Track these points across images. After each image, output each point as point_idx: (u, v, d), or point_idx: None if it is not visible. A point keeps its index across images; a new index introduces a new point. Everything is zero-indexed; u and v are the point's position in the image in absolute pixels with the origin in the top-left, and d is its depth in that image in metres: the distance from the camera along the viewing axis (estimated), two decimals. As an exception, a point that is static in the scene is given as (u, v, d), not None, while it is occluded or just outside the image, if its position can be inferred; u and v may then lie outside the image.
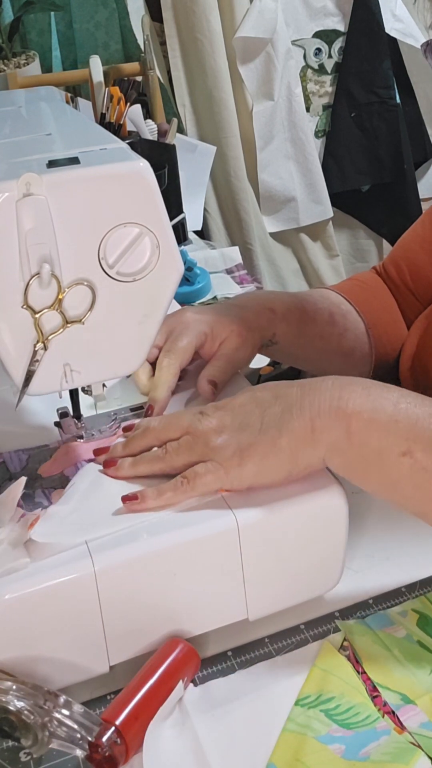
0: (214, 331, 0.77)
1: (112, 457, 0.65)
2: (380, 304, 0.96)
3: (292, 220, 2.25)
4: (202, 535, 0.59)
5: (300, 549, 0.62)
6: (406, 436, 0.57)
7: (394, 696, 0.58)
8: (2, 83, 1.76)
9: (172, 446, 0.63)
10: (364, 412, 0.58)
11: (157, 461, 0.63)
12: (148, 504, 0.60)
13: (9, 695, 0.53)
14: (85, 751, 0.53)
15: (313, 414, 0.59)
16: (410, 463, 0.57)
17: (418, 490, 0.57)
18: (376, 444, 0.58)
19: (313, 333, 0.88)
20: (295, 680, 0.60)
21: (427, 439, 0.57)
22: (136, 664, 0.58)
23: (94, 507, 0.61)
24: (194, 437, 0.62)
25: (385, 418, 0.58)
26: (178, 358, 0.74)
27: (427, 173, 2.49)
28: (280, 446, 0.59)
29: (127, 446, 0.66)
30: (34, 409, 0.76)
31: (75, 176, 0.56)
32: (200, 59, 2.01)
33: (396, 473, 0.58)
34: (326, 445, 0.59)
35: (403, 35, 2.19)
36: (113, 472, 0.64)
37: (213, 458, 0.60)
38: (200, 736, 0.55)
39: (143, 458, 0.64)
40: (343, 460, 0.59)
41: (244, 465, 0.60)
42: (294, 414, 0.60)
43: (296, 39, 2.15)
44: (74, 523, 0.60)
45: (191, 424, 0.63)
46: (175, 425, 0.64)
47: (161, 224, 0.58)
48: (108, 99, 1.31)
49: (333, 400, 0.59)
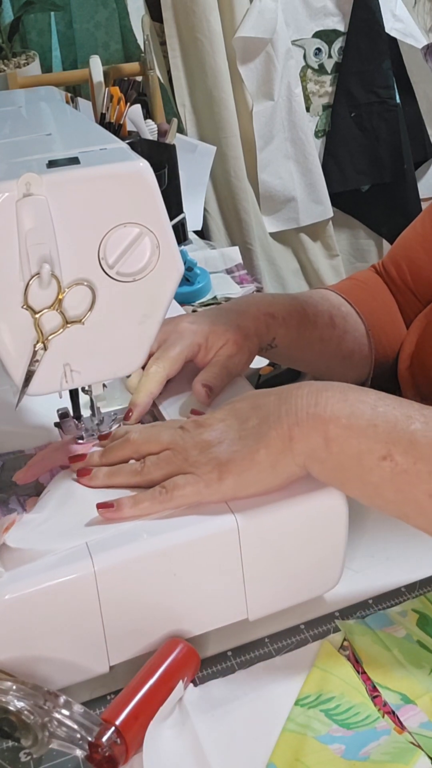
0: (209, 341, 0.77)
1: (87, 465, 0.65)
2: (379, 304, 0.96)
3: (292, 220, 2.26)
4: (202, 535, 0.59)
5: (300, 549, 0.62)
6: (385, 440, 0.56)
7: (394, 696, 0.58)
8: (2, 83, 1.77)
9: (151, 460, 0.62)
10: (342, 418, 0.58)
11: (134, 474, 0.62)
12: (124, 513, 0.59)
13: (9, 695, 0.53)
14: (85, 751, 0.53)
15: (290, 422, 0.59)
16: (390, 467, 0.56)
17: (399, 493, 0.57)
18: (355, 449, 0.57)
19: (313, 336, 0.87)
20: (295, 680, 0.60)
21: (407, 441, 0.56)
22: (136, 664, 0.58)
23: (68, 515, 0.61)
24: (174, 453, 0.61)
25: (363, 423, 0.57)
26: (166, 367, 0.74)
27: (427, 173, 2.50)
28: (257, 459, 0.59)
29: (104, 456, 0.65)
30: (34, 409, 0.76)
31: (75, 176, 0.56)
32: (200, 59, 2.01)
33: (377, 477, 0.57)
34: (305, 453, 0.58)
35: (403, 35, 2.20)
36: (87, 481, 0.63)
37: (192, 473, 0.60)
38: (200, 736, 0.55)
39: (120, 470, 0.63)
40: (323, 467, 0.59)
41: (224, 480, 0.59)
42: (271, 424, 0.59)
43: (296, 39, 2.16)
44: (48, 531, 0.59)
45: (172, 440, 0.62)
46: (156, 440, 0.63)
47: (161, 224, 0.58)
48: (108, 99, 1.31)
49: (310, 407, 0.59)
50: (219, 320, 0.79)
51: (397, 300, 0.98)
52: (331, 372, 0.93)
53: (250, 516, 0.59)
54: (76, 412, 0.69)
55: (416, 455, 0.56)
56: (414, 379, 0.89)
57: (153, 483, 0.61)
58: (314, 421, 0.58)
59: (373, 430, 0.57)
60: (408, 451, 0.56)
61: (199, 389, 0.74)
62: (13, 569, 0.56)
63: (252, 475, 0.59)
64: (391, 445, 0.56)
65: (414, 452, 0.56)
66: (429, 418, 0.57)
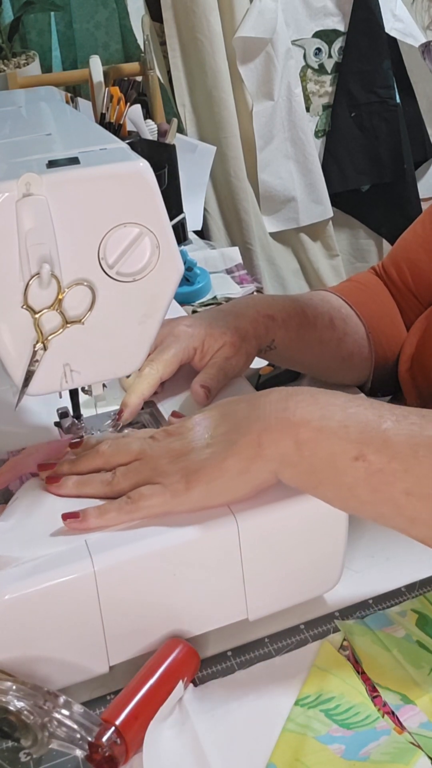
0: (205, 345, 0.77)
1: (56, 474, 0.64)
2: (379, 306, 0.96)
3: (292, 220, 2.26)
4: (202, 535, 0.59)
5: (300, 549, 0.62)
6: (357, 440, 0.56)
7: (393, 696, 0.58)
8: (2, 83, 1.77)
9: (121, 471, 0.62)
10: (312, 421, 0.57)
11: (103, 485, 0.62)
12: (90, 523, 0.59)
13: (9, 695, 0.53)
14: (85, 751, 0.53)
15: (260, 428, 0.58)
16: (364, 467, 0.55)
17: (375, 493, 0.56)
18: (327, 451, 0.56)
19: (313, 338, 0.87)
20: (295, 680, 0.60)
21: (379, 440, 0.55)
22: (136, 664, 0.58)
23: (35, 523, 0.61)
24: (143, 463, 0.61)
25: (334, 425, 0.56)
26: (159, 369, 0.74)
27: (427, 173, 2.50)
28: (226, 468, 0.58)
29: (74, 466, 0.65)
30: (34, 409, 0.76)
31: (75, 176, 0.55)
32: (200, 59, 2.01)
33: (351, 479, 0.56)
34: (276, 458, 0.58)
35: (403, 35, 2.20)
36: (56, 489, 0.63)
37: (160, 482, 0.60)
38: (200, 736, 0.55)
39: (90, 480, 0.63)
40: (295, 471, 0.58)
41: (192, 489, 0.59)
42: (241, 431, 0.59)
43: (296, 39, 2.16)
44: (15, 539, 0.59)
45: (141, 450, 0.62)
46: (125, 450, 0.63)
47: (161, 224, 0.58)
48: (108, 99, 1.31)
49: (279, 412, 0.58)
50: (216, 323, 0.79)
51: (397, 302, 0.98)
52: (331, 374, 0.93)
53: (250, 516, 0.59)
54: (76, 412, 0.69)
55: (390, 454, 0.55)
56: (414, 380, 0.89)
57: (122, 493, 0.61)
58: (284, 425, 0.57)
59: (345, 431, 0.56)
60: (381, 450, 0.55)
61: (198, 390, 0.74)
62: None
63: (221, 483, 0.59)
64: (364, 445, 0.55)
65: (387, 451, 0.55)
66: (400, 416, 0.57)
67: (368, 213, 2.41)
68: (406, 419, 0.56)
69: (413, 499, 0.55)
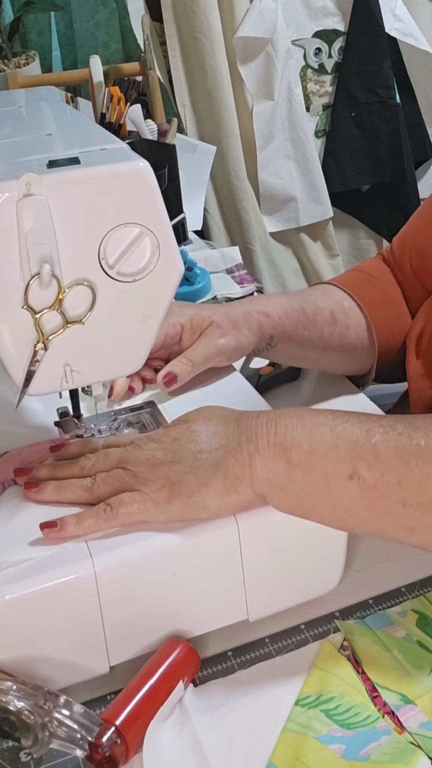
0: (193, 322, 0.79)
1: (35, 479, 0.64)
2: (384, 297, 0.96)
3: (292, 219, 2.25)
4: (202, 536, 0.59)
5: (300, 549, 0.62)
6: (348, 458, 0.56)
7: (393, 696, 0.58)
8: (2, 83, 1.76)
9: (101, 476, 0.61)
10: (302, 444, 0.57)
11: (83, 490, 0.61)
12: (68, 532, 0.58)
13: (9, 695, 0.53)
14: (85, 751, 0.53)
15: (251, 450, 0.58)
16: (359, 485, 0.55)
17: (372, 509, 0.56)
18: (320, 473, 0.56)
19: (314, 333, 0.87)
20: (295, 680, 0.60)
21: (371, 455, 0.55)
22: (136, 664, 0.58)
23: (16, 529, 0.60)
24: (124, 469, 0.61)
25: (324, 446, 0.57)
26: None
27: (427, 173, 2.49)
28: (212, 484, 0.58)
29: (53, 471, 0.64)
30: (34, 409, 0.76)
31: (75, 176, 0.55)
32: (200, 59, 2.01)
33: (347, 498, 0.56)
34: (265, 480, 0.58)
35: (403, 35, 2.19)
36: (34, 494, 0.62)
37: (141, 490, 0.59)
38: (200, 736, 0.55)
39: (70, 485, 0.62)
40: (287, 495, 0.58)
41: (173, 501, 0.58)
42: (230, 451, 0.59)
43: (296, 39, 2.15)
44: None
45: (122, 457, 0.62)
46: (106, 456, 0.63)
47: (161, 224, 0.58)
48: (108, 99, 1.31)
49: (270, 436, 0.58)
50: (207, 307, 0.81)
51: (403, 289, 0.97)
52: (335, 366, 0.93)
53: (250, 516, 0.59)
54: (76, 412, 0.69)
55: (382, 468, 0.55)
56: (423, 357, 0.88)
57: (102, 499, 0.60)
58: (275, 449, 0.57)
59: (335, 450, 0.56)
60: (373, 466, 0.55)
61: (160, 379, 0.76)
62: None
63: (203, 499, 0.58)
64: (356, 463, 0.56)
65: (379, 465, 0.55)
66: (388, 428, 0.57)
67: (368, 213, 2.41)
68: (393, 429, 0.56)
69: (410, 509, 0.55)
